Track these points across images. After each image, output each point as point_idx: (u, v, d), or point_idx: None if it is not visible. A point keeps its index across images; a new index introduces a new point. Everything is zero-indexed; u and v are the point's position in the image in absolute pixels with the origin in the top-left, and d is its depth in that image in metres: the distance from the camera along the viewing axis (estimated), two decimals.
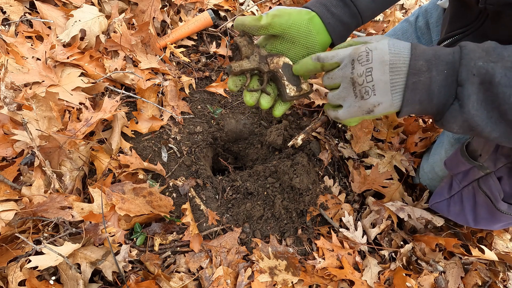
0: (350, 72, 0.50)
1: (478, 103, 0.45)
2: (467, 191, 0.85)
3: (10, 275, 0.68)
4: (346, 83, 0.51)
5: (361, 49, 0.49)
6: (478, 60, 0.44)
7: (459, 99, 0.46)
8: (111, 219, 0.81)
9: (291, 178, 0.98)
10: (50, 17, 1.03)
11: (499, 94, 0.43)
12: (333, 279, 0.88)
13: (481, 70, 0.44)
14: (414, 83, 0.47)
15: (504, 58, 0.43)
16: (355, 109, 0.52)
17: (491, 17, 0.61)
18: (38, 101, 0.81)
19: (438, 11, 0.94)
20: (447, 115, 0.48)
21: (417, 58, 0.47)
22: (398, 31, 1.07)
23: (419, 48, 0.48)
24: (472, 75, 0.44)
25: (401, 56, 0.48)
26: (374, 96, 0.49)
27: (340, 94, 0.53)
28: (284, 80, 0.60)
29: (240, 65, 0.58)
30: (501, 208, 0.75)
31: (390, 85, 0.48)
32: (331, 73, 0.53)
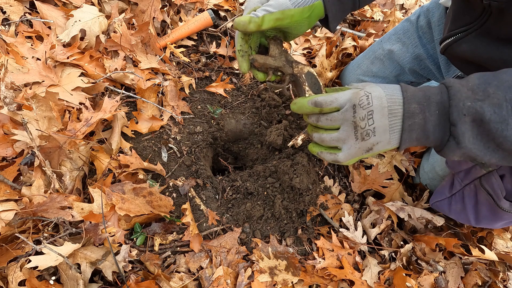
0: (352, 116, 0.51)
1: (473, 138, 0.47)
2: (468, 189, 0.85)
3: (10, 275, 0.68)
4: (347, 126, 0.52)
5: (361, 93, 0.51)
6: (466, 101, 0.46)
7: (454, 136, 0.48)
8: (111, 219, 0.81)
9: (291, 178, 0.98)
10: (50, 17, 1.03)
11: (492, 130, 0.45)
12: (333, 279, 0.88)
13: (471, 110, 0.46)
14: (410, 125, 0.50)
15: (490, 95, 0.45)
16: (355, 150, 0.53)
17: (495, 14, 0.61)
18: (38, 101, 0.81)
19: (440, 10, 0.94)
20: (446, 150, 0.50)
21: (409, 102, 0.49)
22: (399, 30, 1.07)
23: (409, 90, 0.51)
24: (463, 115, 0.46)
25: (396, 99, 0.50)
26: (374, 137, 0.51)
27: (340, 136, 0.54)
28: (306, 85, 0.62)
29: (265, 59, 0.61)
30: (503, 206, 0.75)
31: (389, 127, 0.50)
32: (330, 115, 0.54)
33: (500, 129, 0.45)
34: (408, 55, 1.05)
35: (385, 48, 1.09)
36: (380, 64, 1.12)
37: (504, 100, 0.44)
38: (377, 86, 0.52)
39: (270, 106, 1.23)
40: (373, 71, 1.14)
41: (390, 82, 1.15)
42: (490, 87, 0.46)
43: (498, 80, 0.46)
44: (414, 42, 1.03)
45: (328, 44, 1.36)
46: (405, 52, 1.05)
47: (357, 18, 1.75)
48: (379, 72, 1.13)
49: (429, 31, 0.99)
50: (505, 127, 0.44)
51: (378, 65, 1.13)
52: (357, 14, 1.77)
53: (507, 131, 0.44)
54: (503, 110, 0.44)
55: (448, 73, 0.97)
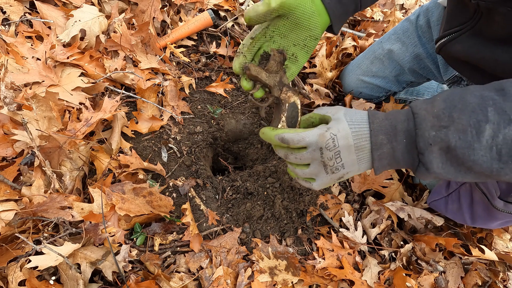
0: (320, 157, 0.53)
1: (442, 163, 0.47)
2: (464, 188, 0.85)
3: (10, 275, 0.68)
4: (317, 164, 0.55)
5: (327, 136, 0.52)
6: (431, 130, 0.46)
7: (423, 163, 0.49)
8: (111, 219, 0.81)
9: (291, 178, 0.98)
10: (50, 17, 1.03)
11: (459, 155, 0.45)
12: (333, 279, 0.88)
13: (436, 139, 0.46)
14: (379, 155, 0.51)
15: (454, 121, 0.45)
16: (328, 180, 0.56)
17: (485, 14, 0.61)
18: (38, 101, 0.81)
19: (439, 10, 0.94)
20: (418, 174, 0.51)
21: (376, 134, 0.51)
22: (399, 30, 1.07)
23: (376, 121, 0.51)
24: (429, 145, 0.47)
25: (362, 134, 0.51)
26: (343, 170, 0.54)
27: (312, 172, 0.56)
28: (284, 115, 0.61)
29: (259, 72, 0.58)
30: (497, 206, 0.76)
31: (357, 160, 0.53)
32: (298, 154, 0.55)
33: (467, 154, 0.45)
34: (408, 54, 1.05)
35: (385, 48, 1.10)
36: (380, 64, 1.12)
37: (468, 125, 0.44)
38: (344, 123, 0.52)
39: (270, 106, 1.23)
40: (373, 71, 1.15)
41: (390, 82, 1.15)
42: (454, 111, 0.45)
43: (462, 103, 0.46)
44: (414, 42, 1.03)
45: (328, 44, 1.36)
46: (404, 52, 1.05)
47: (357, 18, 1.75)
48: (379, 72, 1.13)
49: (428, 31, 0.99)
50: (472, 152, 0.44)
51: (378, 65, 1.13)
52: (357, 14, 1.77)
53: (474, 156, 0.44)
54: (468, 136, 0.44)
55: (446, 72, 0.97)
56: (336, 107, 0.58)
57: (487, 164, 0.45)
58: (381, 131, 0.50)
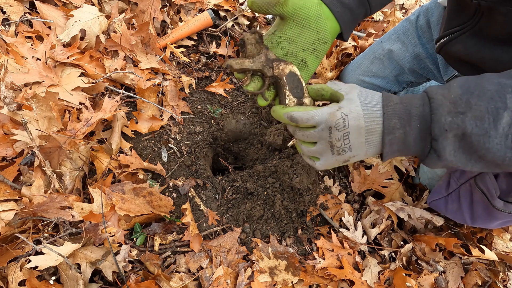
0: (328, 136, 0.52)
1: (455, 151, 0.47)
2: (464, 188, 0.85)
3: (10, 275, 0.68)
4: (323, 144, 0.53)
5: (337, 115, 0.50)
6: (447, 116, 0.46)
7: (435, 150, 0.48)
8: (111, 219, 0.81)
9: (291, 178, 0.98)
10: (50, 17, 1.03)
11: (474, 142, 0.45)
12: (333, 279, 0.88)
13: (453, 125, 0.45)
14: (390, 139, 0.50)
15: (472, 107, 0.44)
16: (332, 161, 0.55)
17: (486, 14, 0.61)
18: (38, 101, 0.81)
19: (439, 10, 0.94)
20: (427, 161, 0.50)
21: (390, 117, 0.49)
22: (399, 30, 1.07)
23: (390, 104, 0.50)
24: (444, 131, 0.46)
25: (375, 118, 0.50)
26: (350, 152, 0.52)
27: (317, 151, 0.55)
28: (286, 89, 0.57)
29: (241, 63, 0.54)
30: (497, 206, 0.75)
31: (366, 144, 0.51)
32: (306, 132, 0.54)
33: (482, 142, 0.44)
34: (408, 54, 1.05)
35: (385, 48, 1.10)
36: (380, 64, 1.12)
37: (486, 112, 0.44)
38: (357, 103, 0.51)
39: (270, 106, 1.23)
40: (373, 71, 1.14)
41: (390, 82, 1.15)
42: (472, 97, 0.45)
43: (480, 90, 0.45)
44: (414, 42, 1.03)
45: None
46: (404, 52, 1.05)
47: None
48: (379, 72, 1.13)
49: (428, 31, 0.99)
50: (487, 140, 0.44)
51: (378, 64, 1.13)
52: None
53: (489, 143, 0.44)
54: (485, 123, 0.44)
55: (447, 72, 0.97)
56: (350, 85, 0.55)
57: (500, 153, 0.44)
58: (395, 115, 0.49)
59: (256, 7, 0.53)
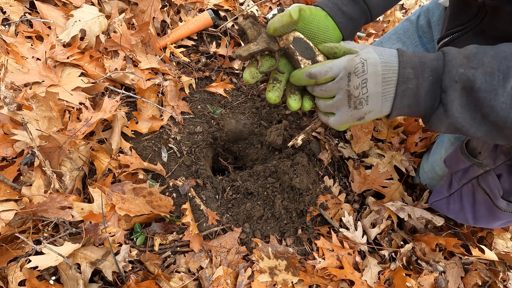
0: (347, 85, 0.51)
1: (461, 107, 0.47)
2: (466, 189, 0.85)
3: (10, 275, 0.68)
4: (341, 95, 0.53)
5: (356, 60, 0.50)
6: (459, 67, 0.46)
7: (443, 103, 0.48)
8: (111, 219, 0.81)
9: (291, 178, 0.98)
10: (50, 17, 1.03)
11: (480, 99, 0.45)
12: (333, 279, 0.88)
13: (463, 77, 0.46)
14: (403, 90, 0.50)
15: (484, 64, 0.45)
16: (347, 117, 0.54)
17: (490, 13, 0.61)
18: (38, 101, 0.81)
19: (440, 10, 0.94)
20: (434, 118, 0.51)
21: (405, 66, 0.49)
22: (399, 30, 1.07)
23: (406, 55, 0.50)
24: (454, 82, 0.46)
25: (391, 66, 0.50)
26: (367, 106, 0.52)
27: (334, 104, 0.54)
28: (297, 55, 0.58)
29: (248, 49, 0.56)
30: (500, 206, 0.75)
31: (382, 95, 0.51)
32: (324, 85, 0.54)
33: (488, 98, 0.45)
34: None
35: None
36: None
37: (497, 70, 0.44)
38: (373, 51, 0.51)
39: (270, 106, 1.23)
40: None
41: None
42: (486, 56, 0.46)
43: (495, 51, 0.46)
44: (414, 42, 1.03)
45: None
46: None
47: None
48: None
49: (429, 31, 0.99)
50: (493, 97, 0.45)
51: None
52: None
53: (495, 100, 0.45)
54: (494, 80, 0.44)
55: None
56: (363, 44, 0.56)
57: (504, 113, 0.45)
58: (409, 65, 0.49)
59: (278, 32, 0.56)
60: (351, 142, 1.16)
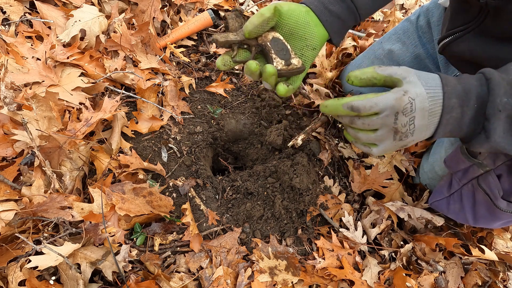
0: (393, 123, 0.50)
1: (504, 132, 0.48)
2: (466, 189, 0.85)
3: (10, 275, 0.68)
4: (386, 131, 0.52)
5: (405, 100, 0.49)
6: (503, 96, 0.46)
7: (486, 130, 0.48)
8: (111, 219, 0.81)
9: (291, 178, 0.98)
10: (50, 17, 1.03)
11: None
12: (333, 279, 0.88)
13: (507, 106, 0.46)
14: (447, 119, 0.50)
15: None
16: (391, 147, 0.54)
17: (492, 13, 0.61)
18: (38, 101, 0.81)
19: (440, 10, 0.94)
20: (474, 142, 0.51)
21: (449, 97, 0.49)
22: (399, 30, 1.07)
23: (450, 84, 0.50)
24: (498, 111, 0.47)
25: (437, 99, 0.49)
26: (411, 137, 0.52)
27: (377, 138, 0.53)
28: (272, 53, 0.59)
29: (226, 37, 0.57)
30: (500, 206, 0.75)
31: (427, 126, 0.51)
32: (367, 120, 0.52)
33: None
34: (408, 54, 1.05)
35: (385, 48, 1.09)
36: (380, 64, 1.12)
37: None
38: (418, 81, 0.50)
39: (270, 106, 1.23)
40: None
41: None
42: None
43: None
44: (414, 42, 1.03)
45: (328, 44, 1.36)
46: (405, 52, 1.05)
47: None
48: None
49: (428, 31, 0.99)
50: None
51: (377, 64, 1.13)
52: None
53: None
54: None
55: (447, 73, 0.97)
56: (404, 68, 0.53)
57: None
58: (454, 94, 0.49)
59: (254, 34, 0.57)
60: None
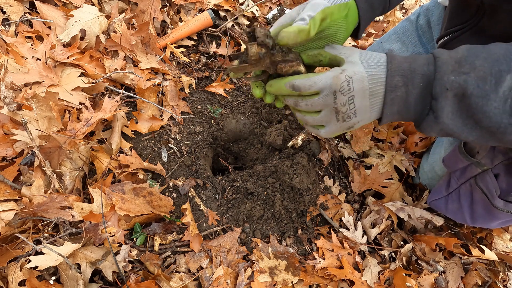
0: (333, 102, 0.50)
1: (452, 114, 0.46)
2: (464, 188, 0.85)
3: (10, 275, 0.68)
4: (328, 111, 0.52)
5: (341, 78, 0.48)
6: (450, 74, 0.45)
7: (434, 111, 0.47)
8: (111, 219, 0.81)
9: (291, 178, 0.98)
10: (50, 17, 1.03)
11: (472, 105, 0.44)
12: (333, 279, 0.88)
13: (454, 84, 0.45)
14: (392, 99, 0.49)
15: (475, 68, 0.44)
16: (337, 128, 0.54)
17: (488, 12, 0.61)
18: (38, 101, 0.81)
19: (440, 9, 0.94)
20: (424, 124, 0.50)
21: (393, 74, 0.48)
22: (399, 30, 1.07)
23: (395, 62, 0.49)
24: (445, 90, 0.45)
25: (378, 78, 0.49)
26: (355, 118, 0.51)
27: (322, 119, 0.53)
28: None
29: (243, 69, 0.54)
30: (497, 205, 0.76)
31: (370, 107, 0.50)
32: (310, 100, 0.52)
33: (480, 104, 0.44)
34: (408, 54, 1.05)
35: (385, 48, 1.10)
36: None
37: (489, 74, 0.43)
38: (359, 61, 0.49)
39: (270, 106, 1.23)
40: None
41: None
42: (478, 59, 0.44)
43: (487, 52, 0.45)
44: (414, 42, 1.03)
45: None
46: (405, 51, 1.05)
47: None
48: None
49: (428, 30, 0.99)
50: (486, 102, 0.43)
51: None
52: None
53: (487, 106, 0.43)
54: (487, 84, 0.43)
55: None
56: (350, 48, 0.53)
57: (496, 118, 0.44)
58: (398, 72, 0.48)
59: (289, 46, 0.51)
60: (351, 142, 1.16)
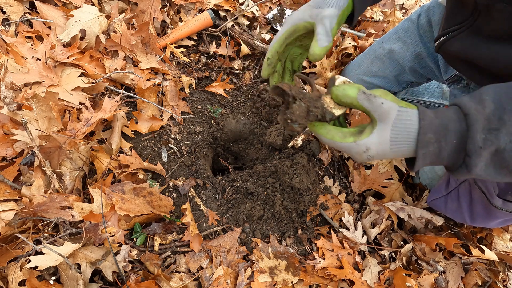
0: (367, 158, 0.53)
1: (486, 166, 0.47)
2: (463, 187, 0.85)
3: (10, 275, 0.68)
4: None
5: (363, 157, 0.52)
6: (481, 133, 0.46)
7: (467, 165, 0.48)
8: (111, 219, 0.81)
9: (291, 178, 0.98)
10: (50, 17, 1.03)
11: (506, 158, 0.46)
12: (333, 279, 0.88)
13: (487, 143, 0.46)
14: (424, 153, 0.49)
15: (505, 123, 0.45)
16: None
17: (483, 11, 0.61)
18: (38, 101, 0.81)
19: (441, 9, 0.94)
20: (457, 174, 0.51)
21: (425, 132, 0.49)
22: (400, 29, 1.07)
23: (426, 118, 0.49)
24: (478, 148, 0.46)
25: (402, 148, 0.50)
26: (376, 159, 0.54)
27: None
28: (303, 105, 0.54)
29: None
30: (496, 204, 0.76)
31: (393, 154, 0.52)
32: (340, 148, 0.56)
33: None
34: (409, 54, 1.05)
35: (386, 48, 1.09)
36: (380, 63, 1.12)
37: None
38: (386, 143, 0.50)
39: (270, 106, 1.23)
40: (373, 71, 1.14)
41: (390, 81, 1.15)
42: (505, 113, 0.45)
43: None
44: (415, 41, 1.03)
45: None
46: (405, 51, 1.05)
47: None
48: (379, 71, 1.13)
49: (429, 30, 0.99)
50: None
51: (378, 64, 1.13)
52: None
53: None
54: None
55: (447, 72, 0.97)
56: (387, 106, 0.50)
57: None
58: (430, 129, 0.49)
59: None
60: None
